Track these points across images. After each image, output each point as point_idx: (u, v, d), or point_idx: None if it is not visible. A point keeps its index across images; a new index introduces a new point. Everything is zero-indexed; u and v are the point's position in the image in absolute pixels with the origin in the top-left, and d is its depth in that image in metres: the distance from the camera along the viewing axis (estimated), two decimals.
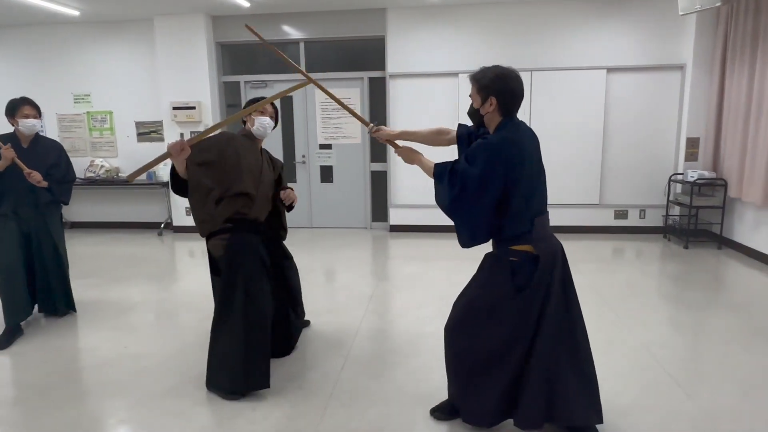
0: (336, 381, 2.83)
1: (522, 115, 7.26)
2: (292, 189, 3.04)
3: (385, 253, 5.84)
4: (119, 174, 7.00)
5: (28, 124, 3.35)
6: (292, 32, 6.60)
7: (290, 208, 3.07)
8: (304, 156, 6.92)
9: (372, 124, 2.68)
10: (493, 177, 2.05)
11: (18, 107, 3.31)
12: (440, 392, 2.54)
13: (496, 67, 2.14)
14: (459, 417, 2.38)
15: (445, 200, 2.16)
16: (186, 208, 6.82)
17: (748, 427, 2.37)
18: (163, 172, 6.78)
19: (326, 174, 6.96)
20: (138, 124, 7.03)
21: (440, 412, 2.47)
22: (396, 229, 6.75)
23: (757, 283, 4.56)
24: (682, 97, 6.07)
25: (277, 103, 2.92)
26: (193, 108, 6.52)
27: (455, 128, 2.49)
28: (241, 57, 7.00)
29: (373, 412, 2.53)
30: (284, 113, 6.84)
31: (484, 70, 2.16)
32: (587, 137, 6.25)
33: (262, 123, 2.78)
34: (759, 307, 3.93)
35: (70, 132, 7.15)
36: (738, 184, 5.36)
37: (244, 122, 2.85)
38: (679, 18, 5.75)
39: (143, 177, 6.91)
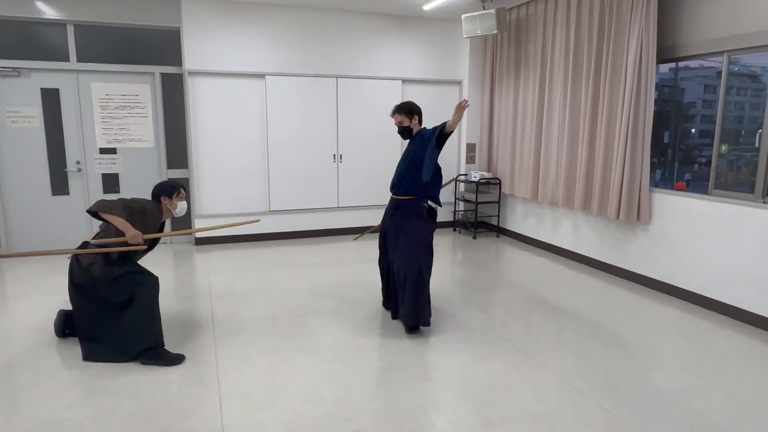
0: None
1: (329, 120, 7.26)
2: None
3: (192, 269, 5.22)
4: None
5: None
6: (50, 11, 5.37)
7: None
8: (79, 162, 5.73)
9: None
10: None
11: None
12: None
13: (410, 102, 3.73)
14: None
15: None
16: None
17: (530, 393, 2.90)
18: None
19: (111, 183, 5.88)
20: None
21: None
22: (202, 241, 6.14)
23: (529, 261, 5.62)
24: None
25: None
26: None
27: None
28: None
29: None
30: (49, 111, 5.55)
31: (404, 103, 3.70)
32: (385, 140, 6.66)
33: (182, 207, 3.37)
34: (532, 281, 4.89)
35: None
36: (510, 183, 6.47)
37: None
38: (461, 40, 6.63)
39: None
